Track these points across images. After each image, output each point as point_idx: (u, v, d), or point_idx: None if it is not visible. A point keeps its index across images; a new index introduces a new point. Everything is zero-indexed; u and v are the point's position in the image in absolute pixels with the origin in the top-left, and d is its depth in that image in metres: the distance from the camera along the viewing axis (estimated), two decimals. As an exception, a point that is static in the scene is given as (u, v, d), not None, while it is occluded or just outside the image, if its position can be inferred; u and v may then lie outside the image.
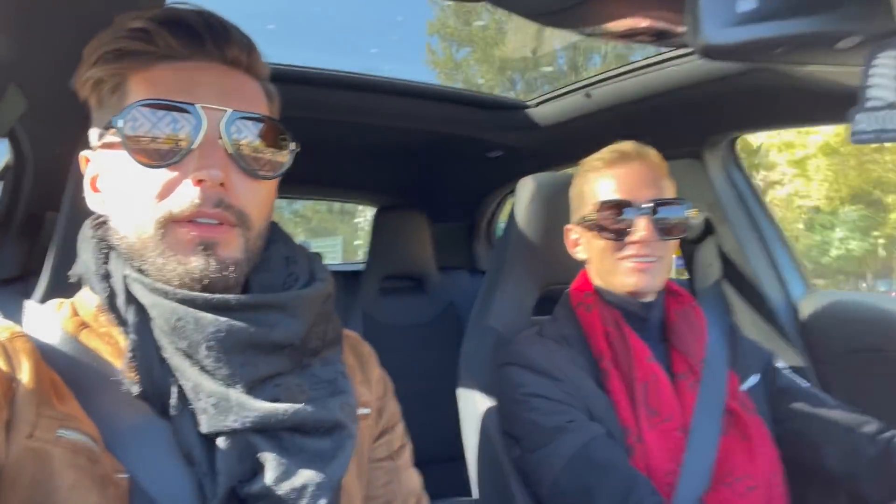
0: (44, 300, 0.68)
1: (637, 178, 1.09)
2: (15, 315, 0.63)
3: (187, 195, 0.57)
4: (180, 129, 0.58)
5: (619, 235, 1.07)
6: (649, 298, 1.11)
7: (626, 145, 1.12)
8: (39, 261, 0.88)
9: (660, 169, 1.11)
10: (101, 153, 0.64)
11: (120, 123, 0.57)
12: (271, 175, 0.64)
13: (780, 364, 1.23)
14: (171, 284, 0.58)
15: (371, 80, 1.73)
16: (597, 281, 1.16)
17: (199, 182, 0.57)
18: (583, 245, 1.17)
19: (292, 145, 0.65)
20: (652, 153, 1.12)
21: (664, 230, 1.07)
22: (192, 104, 0.58)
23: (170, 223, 0.58)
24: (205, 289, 0.58)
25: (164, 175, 0.58)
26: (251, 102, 0.64)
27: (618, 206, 1.07)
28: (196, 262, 0.58)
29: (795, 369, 1.39)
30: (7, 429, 0.51)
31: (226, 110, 0.59)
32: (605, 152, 1.14)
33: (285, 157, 0.65)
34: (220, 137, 0.59)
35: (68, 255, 0.67)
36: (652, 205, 1.06)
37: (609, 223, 1.07)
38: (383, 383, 0.81)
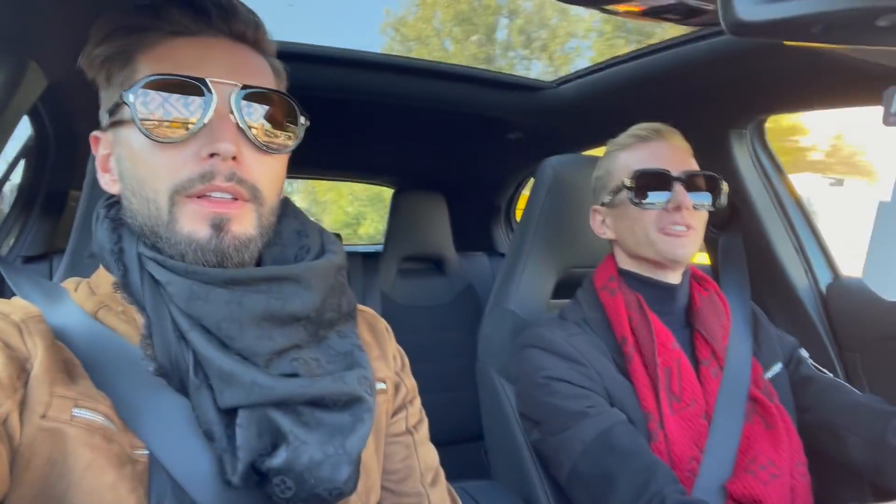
0: (66, 278, 0.69)
1: (669, 152, 1.10)
2: (38, 294, 0.64)
3: (198, 170, 0.58)
4: (191, 103, 0.58)
5: (659, 205, 1.07)
6: (675, 280, 1.11)
7: (654, 124, 1.13)
8: (63, 239, 0.89)
9: (685, 146, 1.13)
10: (111, 131, 0.64)
11: (130, 98, 0.57)
12: (282, 150, 0.64)
13: (803, 353, 1.21)
14: (186, 259, 0.58)
15: (391, 59, 1.72)
16: (624, 263, 1.15)
17: (211, 156, 0.58)
18: (611, 224, 1.16)
19: (303, 119, 0.65)
20: (678, 134, 1.13)
21: (698, 200, 1.08)
22: (203, 78, 0.58)
23: (182, 198, 0.58)
24: (219, 263, 0.59)
25: (176, 150, 0.58)
26: (260, 77, 0.64)
27: (655, 175, 1.07)
28: (209, 239, 0.58)
29: (822, 357, 1.37)
30: (21, 409, 0.52)
31: (236, 84, 0.59)
32: (633, 130, 1.14)
33: (296, 132, 0.65)
34: (231, 112, 0.59)
35: (90, 234, 0.67)
36: (687, 175, 1.07)
37: (645, 192, 1.07)
38: (400, 358, 0.81)
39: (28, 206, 1.65)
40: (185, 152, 0.58)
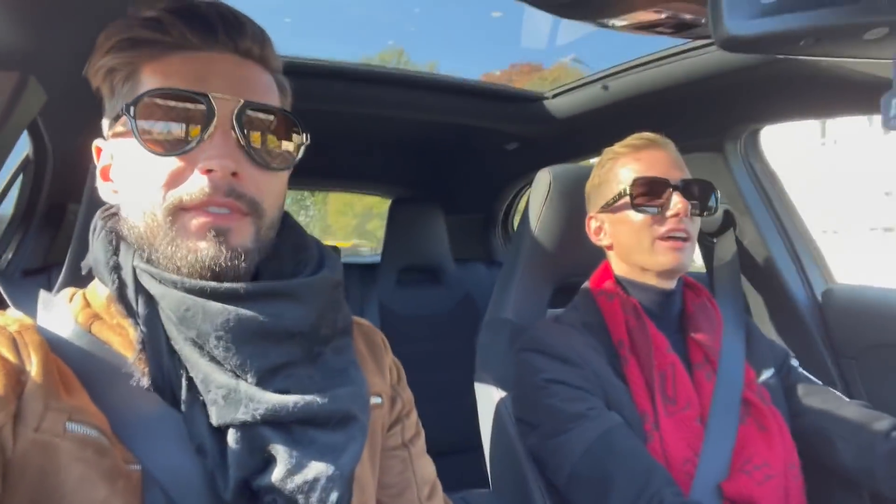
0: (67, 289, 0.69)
1: (665, 161, 1.12)
2: (35, 307, 0.64)
3: (197, 184, 0.57)
4: (192, 118, 0.58)
5: (655, 211, 1.08)
6: (670, 286, 1.13)
7: (649, 134, 1.15)
8: (62, 252, 0.89)
9: (680, 158, 1.15)
10: (113, 142, 0.64)
11: (132, 111, 0.57)
12: (282, 167, 0.64)
13: (794, 362, 1.23)
14: (182, 273, 0.58)
15: (387, 72, 1.73)
16: (620, 270, 1.17)
17: (209, 171, 0.57)
18: (608, 231, 1.17)
19: (304, 137, 0.65)
20: (671, 144, 1.15)
21: (694, 207, 1.10)
22: (205, 94, 0.58)
23: (179, 211, 0.58)
24: (215, 277, 0.58)
25: (175, 164, 0.58)
26: (263, 94, 0.64)
27: (654, 182, 1.08)
28: (206, 250, 0.57)
29: (818, 364, 1.38)
30: (15, 422, 0.52)
31: (238, 100, 0.59)
32: (629, 140, 1.16)
33: (297, 149, 0.65)
34: (232, 128, 0.59)
35: (87, 247, 0.67)
36: (683, 182, 1.09)
37: (645, 199, 1.09)
38: (396, 371, 0.80)
39: (27, 220, 1.65)
40: (186, 166, 0.58)
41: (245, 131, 0.59)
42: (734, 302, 1.29)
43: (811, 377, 1.21)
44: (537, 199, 1.33)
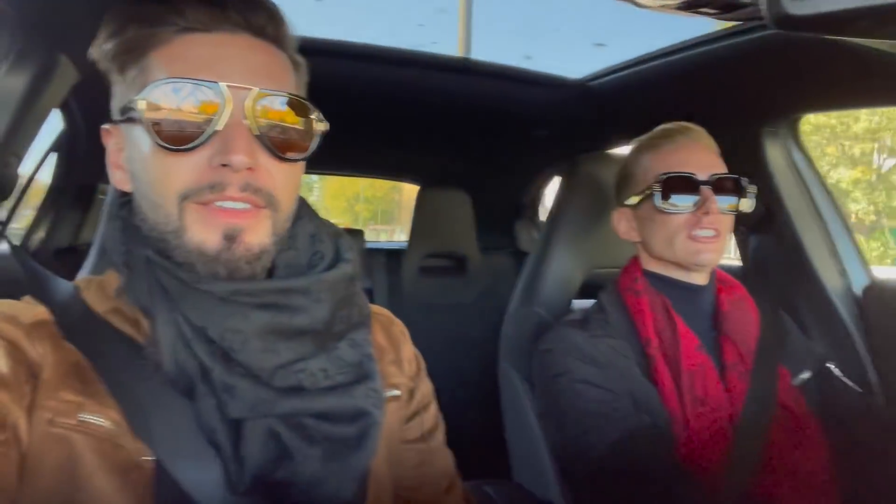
0: (93, 271, 0.69)
1: (695, 154, 1.08)
2: (59, 291, 0.64)
3: (209, 178, 0.55)
4: (204, 109, 0.55)
5: (685, 209, 1.05)
6: (701, 281, 1.10)
7: (676, 124, 1.11)
8: (93, 231, 0.90)
9: (713, 147, 1.11)
10: (125, 128, 0.61)
11: (142, 105, 0.55)
12: (298, 157, 0.61)
13: (831, 365, 1.19)
14: (195, 269, 0.57)
15: (414, 54, 1.71)
16: (650, 265, 1.14)
17: (223, 166, 0.55)
18: (637, 226, 1.14)
19: (321, 125, 0.62)
20: (704, 133, 1.11)
21: (726, 203, 1.06)
22: (216, 83, 0.55)
23: (191, 205, 0.56)
24: (229, 275, 0.57)
25: (186, 157, 0.56)
26: (279, 78, 0.61)
27: (681, 179, 1.05)
28: (220, 250, 0.56)
29: (855, 364, 1.33)
30: (29, 414, 0.52)
31: (251, 88, 0.56)
32: (658, 131, 1.13)
33: (314, 138, 0.62)
34: (246, 118, 0.56)
35: None
36: (714, 178, 1.05)
37: (673, 195, 1.06)
38: (416, 362, 0.79)
39: (58, 200, 1.68)
40: (197, 159, 0.56)
41: (259, 121, 0.57)
42: (770, 299, 1.25)
43: (848, 382, 1.17)
44: (567, 188, 1.30)
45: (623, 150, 1.25)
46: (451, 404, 0.85)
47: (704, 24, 1.37)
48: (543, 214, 2.74)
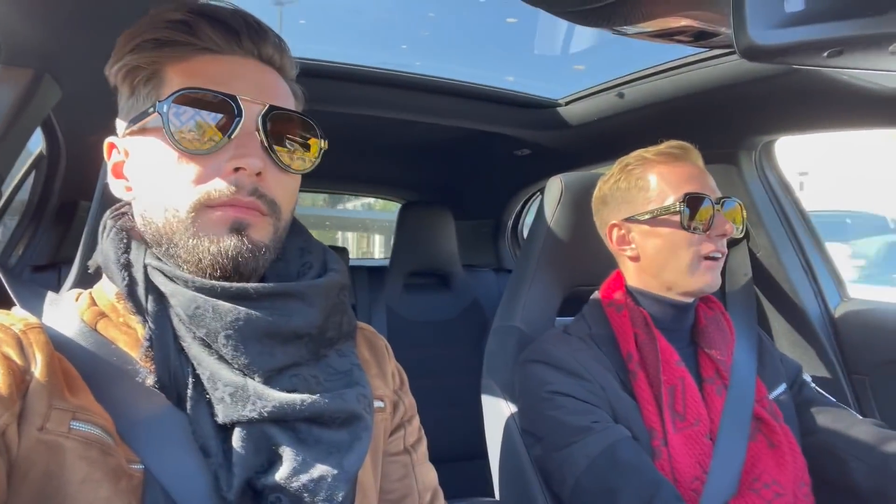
0: (74, 287, 0.69)
1: (704, 175, 1.09)
2: (42, 304, 0.64)
3: (224, 182, 0.59)
4: (221, 118, 0.59)
5: (701, 230, 1.05)
6: (690, 300, 1.11)
7: (679, 144, 1.11)
8: (72, 249, 0.89)
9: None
10: (132, 139, 0.64)
11: (164, 109, 0.59)
12: (301, 170, 0.65)
13: (807, 377, 1.21)
14: (202, 266, 0.59)
15: (400, 76, 1.73)
16: (635, 281, 1.14)
17: (236, 170, 0.59)
18: (637, 241, 1.12)
19: (322, 143, 0.67)
20: (700, 156, 1.13)
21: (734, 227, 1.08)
22: (234, 95, 0.60)
23: (204, 207, 0.59)
24: (236, 270, 0.59)
25: (203, 162, 0.59)
26: (284, 100, 0.66)
27: (700, 201, 1.05)
28: (229, 242, 0.59)
29: (830, 379, 1.36)
30: (19, 421, 0.52)
31: (263, 104, 0.61)
32: (665, 148, 1.11)
33: (315, 153, 0.66)
34: (257, 130, 0.60)
35: (97, 245, 0.67)
36: (721, 200, 1.07)
37: (693, 217, 1.05)
38: (399, 377, 0.80)
39: (37, 216, 1.66)
40: (211, 164, 0.59)
41: (269, 134, 0.61)
42: (747, 315, 1.27)
43: (824, 394, 1.19)
44: (548, 206, 1.32)
45: (601, 169, 1.27)
46: (435, 422, 0.85)
47: (681, 50, 1.41)
48: (526, 232, 2.76)
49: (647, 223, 1.10)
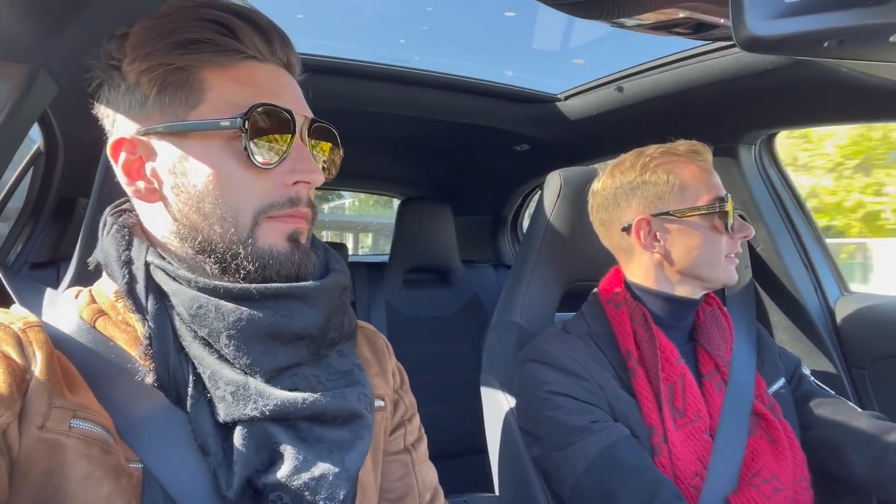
0: (72, 285, 0.69)
1: (714, 175, 1.11)
2: (41, 301, 0.64)
3: (286, 194, 0.61)
4: (282, 133, 0.60)
5: (730, 231, 1.07)
6: (698, 297, 1.11)
7: (699, 143, 1.12)
8: (71, 246, 0.89)
9: None
10: (164, 142, 0.61)
11: (243, 122, 0.58)
12: (332, 178, 0.68)
13: (805, 371, 1.21)
14: (267, 273, 0.59)
15: (399, 71, 1.72)
16: (637, 277, 1.13)
17: (297, 184, 0.61)
18: (668, 239, 1.09)
19: (342, 152, 0.70)
20: None
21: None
22: (289, 110, 0.60)
23: (265, 218, 0.60)
24: (296, 276, 0.61)
25: (266, 174, 0.60)
26: (309, 109, 0.67)
27: (725, 201, 1.07)
28: (290, 252, 0.61)
29: (830, 373, 1.36)
30: (20, 420, 0.52)
31: (306, 116, 0.63)
32: (688, 145, 1.11)
33: (339, 162, 0.70)
34: (303, 141, 0.63)
35: (97, 241, 0.67)
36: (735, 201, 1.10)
37: (723, 217, 1.07)
38: (399, 375, 0.81)
39: (36, 214, 1.65)
40: (273, 177, 0.60)
41: (312, 146, 0.64)
42: (746, 310, 1.27)
43: (823, 387, 1.19)
44: (547, 201, 1.32)
45: (600, 164, 1.26)
46: (435, 417, 0.85)
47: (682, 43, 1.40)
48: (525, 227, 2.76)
49: (681, 222, 1.08)
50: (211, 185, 0.59)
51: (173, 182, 0.61)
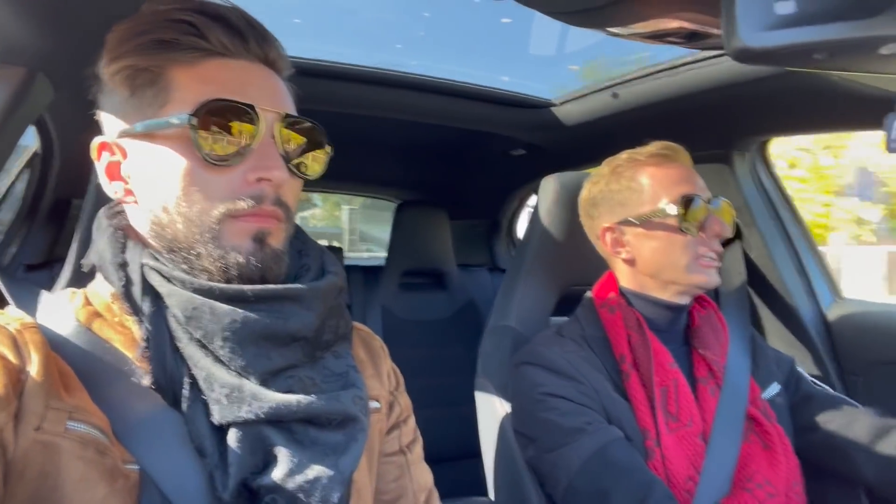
0: (67, 286, 0.69)
1: (694, 175, 1.09)
2: (36, 303, 0.64)
3: (249, 192, 0.59)
4: (242, 128, 0.59)
5: (695, 231, 1.05)
6: (686, 301, 1.11)
7: (668, 144, 1.11)
8: (66, 247, 0.89)
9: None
10: (134, 143, 0.62)
11: (192, 120, 0.57)
12: (313, 176, 0.66)
13: (801, 370, 1.21)
14: (229, 274, 0.59)
15: (395, 75, 1.73)
16: (629, 283, 1.14)
17: (261, 181, 0.59)
18: (632, 243, 1.11)
19: (329, 149, 0.67)
20: (689, 156, 1.13)
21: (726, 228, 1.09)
22: (252, 105, 0.59)
23: (228, 218, 0.59)
24: (262, 278, 0.59)
25: (225, 172, 0.59)
26: (290, 104, 0.65)
27: (694, 202, 1.05)
28: (253, 252, 0.59)
29: (823, 380, 1.36)
30: (15, 421, 0.52)
31: (278, 112, 0.61)
32: (654, 149, 1.11)
33: (324, 160, 0.67)
34: (273, 138, 0.60)
35: (91, 243, 0.67)
36: (713, 200, 1.07)
37: (687, 218, 1.05)
38: (395, 377, 0.81)
39: (31, 215, 1.65)
40: (234, 174, 0.59)
41: (284, 141, 0.62)
42: (740, 315, 1.27)
43: (822, 385, 1.19)
44: (543, 206, 1.32)
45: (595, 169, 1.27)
46: (430, 420, 0.85)
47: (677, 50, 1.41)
48: (521, 231, 2.76)
49: (642, 226, 1.09)
50: (174, 183, 0.59)
51: (143, 182, 0.62)
